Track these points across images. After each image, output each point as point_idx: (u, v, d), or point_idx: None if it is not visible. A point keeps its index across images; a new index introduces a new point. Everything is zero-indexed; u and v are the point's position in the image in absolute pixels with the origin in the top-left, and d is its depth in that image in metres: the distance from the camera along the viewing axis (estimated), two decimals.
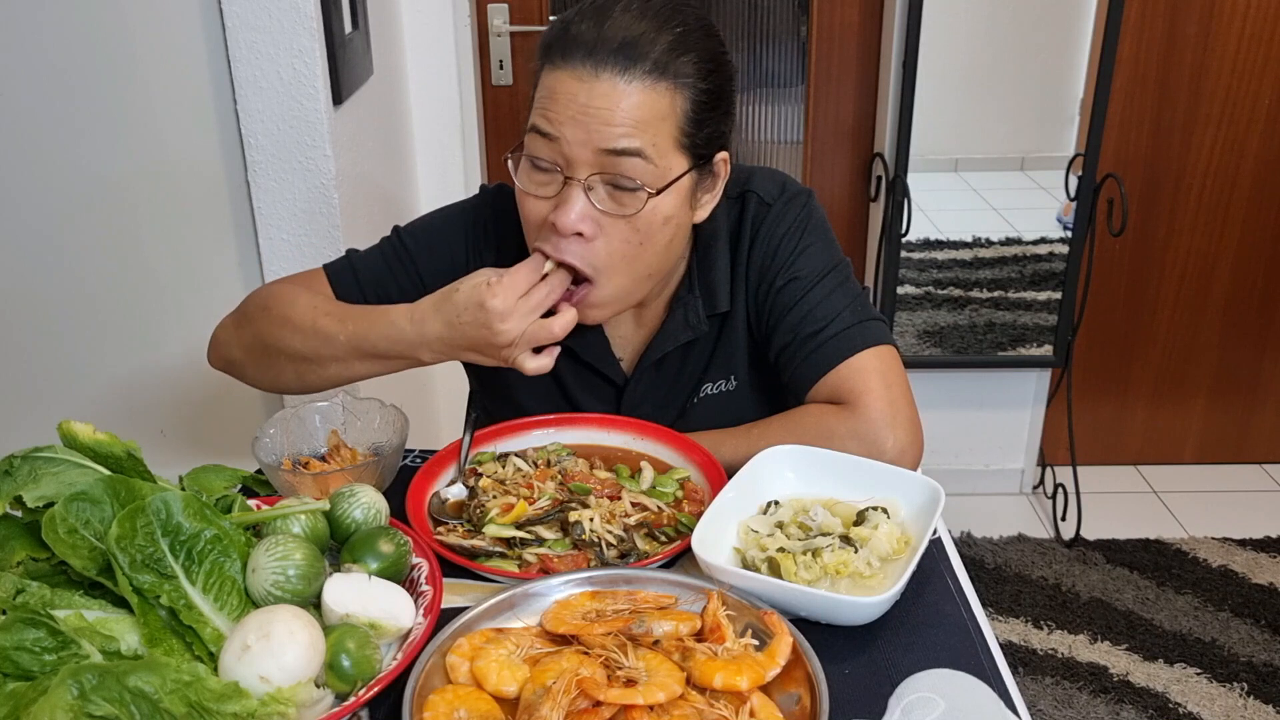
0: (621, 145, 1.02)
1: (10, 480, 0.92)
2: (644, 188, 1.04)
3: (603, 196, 1.05)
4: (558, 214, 1.04)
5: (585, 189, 1.04)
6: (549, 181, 1.06)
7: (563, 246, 1.06)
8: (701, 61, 1.06)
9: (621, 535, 1.01)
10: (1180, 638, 2.36)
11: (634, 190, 1.04)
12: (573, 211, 1.04)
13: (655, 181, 1.05)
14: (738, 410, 1.24)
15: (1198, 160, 2.66)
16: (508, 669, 0.83)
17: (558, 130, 1.03)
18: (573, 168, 1.04)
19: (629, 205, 1.05)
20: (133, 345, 1.78)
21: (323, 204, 1.67)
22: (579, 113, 1.02)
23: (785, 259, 1.18)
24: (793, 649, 0.84)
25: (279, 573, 0.86)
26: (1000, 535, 2.75)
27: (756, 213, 1.20)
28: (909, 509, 1.03)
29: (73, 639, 0.80)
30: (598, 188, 1.05)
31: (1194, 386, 2.94)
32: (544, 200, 1.07)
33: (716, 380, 1.25)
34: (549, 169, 1.06)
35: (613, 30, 1.02)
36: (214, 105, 1.62)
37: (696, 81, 1.05)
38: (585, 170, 1.04)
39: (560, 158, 1.04)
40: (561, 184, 1.05)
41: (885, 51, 2.50)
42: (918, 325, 2.72)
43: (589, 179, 1.04)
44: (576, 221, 1.04)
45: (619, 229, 1.06)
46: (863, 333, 1.15)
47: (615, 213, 1.05)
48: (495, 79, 2.48)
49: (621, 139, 1.02)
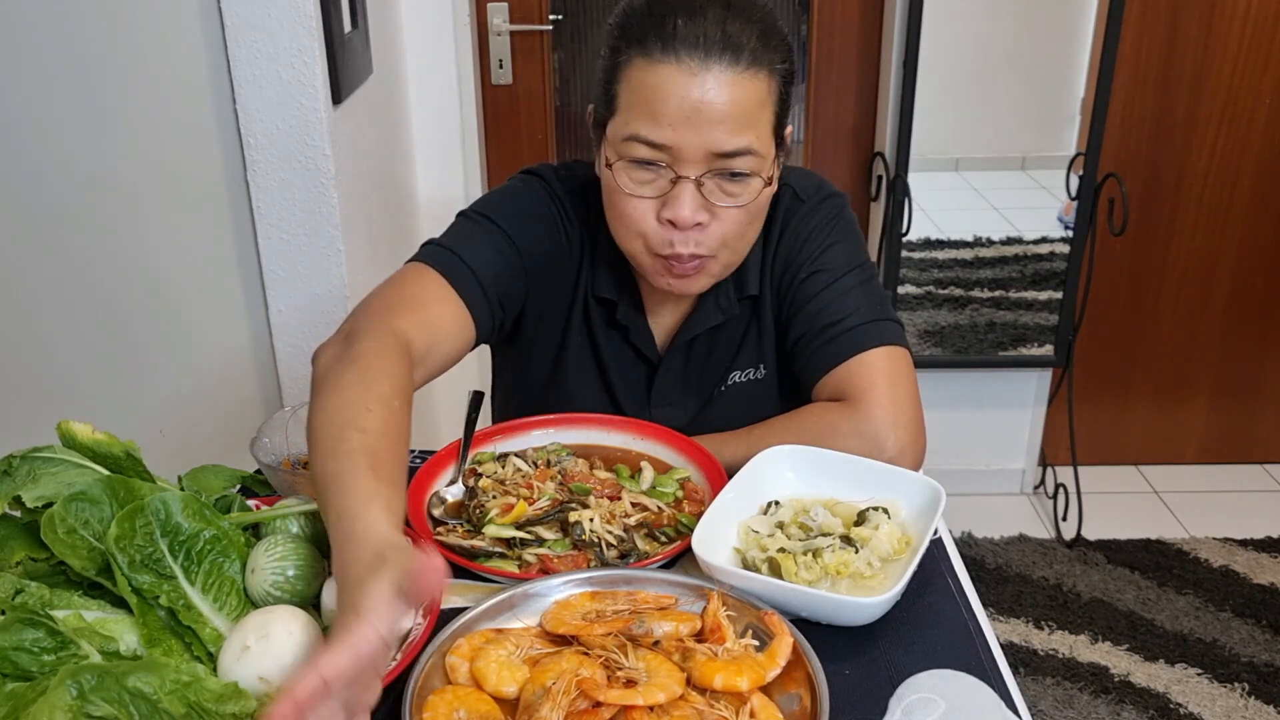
0: (733, 146, 1.04)
1: (9, 480, 0.92)
2: (756, 175, 1.07)
3: (713, 189, 1.06)
4: (674, 211, 1.06)
5: (697, 185, 1.06)
6: (653, 179, 1.07)
7: (684, 239, 1.08)
8: (783, 45, 1.08)
9: (621, 535, 1.01)
10: (1181, 638, 2.36)
11: (745, 179, 1.06)
12: (687, 206, 1.05)
13: (763, 169, 1.07)
14: (765, 400, 1.26)
15: (1199, 160, 2.66)
16: (507, 669, 0.83)
17: (670, 131, 1.03)
18: (681, 165, 1.05)
19: (742, 195, 1.07)
20: (132, 345, 1.77)
21: (322, 203, 1.67)
22: (691, 113, 1.02)
23: (812, 252, 1.20)
24: (793, 649, 0.84)
25: (278, 573, 0.86)
26: (1001, 535, 2.75)
27: (789, 206, 1.22)
28: (910, 509, 1.03)
29: (72, 639, 0.80)
30: (708, 181, 1.06)
31: (1195, 386, 2.94)
32: (648, 200, 1.08)
33: (746, 368, 1.26)
34: (653, 166, 1.06)
35: (713, 23, 1.03)
36: (213, 105, 1.62)
37: (783, 65, 1.08)
38: (697, 169, 1.05)
39: (667, 156, 1.05)
40: (670, 181, 1.06)
41: (885, 51, 2.49)
42: (918, 325, 2.72)
43: (700, 176, 1.05)
44: (694, 215, 1.06)
45: (731, 215, 1.08)
46: (877, 330, 1.16)
47: (729, 204, 1.07)
48: (495, 78, 2.48)
49: (734, 139, 1.03)
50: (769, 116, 1.07)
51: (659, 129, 1.03)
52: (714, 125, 1.02)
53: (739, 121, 1.03)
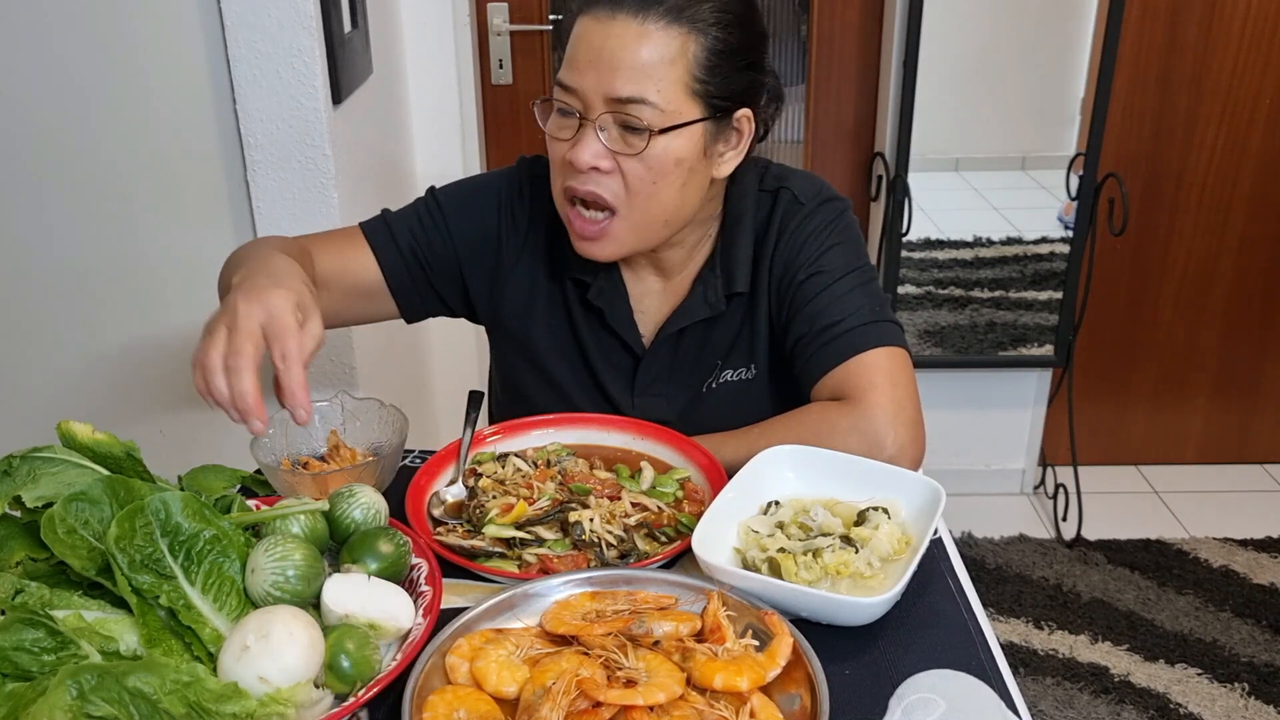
0: (626, 94, 1.08)
1: (10, 480, 0.92)
2: (649, 128, 1.10)
3: (614, 136, 1.11)
4: (574, 151, 1.12)
5: (598, 129, 1.11)
6: (569, 124, 1.13)
7: (582, 179, 1.13)
8: (721, 10, 1.11)
9: (621, 535, 1.01)
10: (1181, 638, 2.36)
11: (640, 131, 1.10)
12: (586, 150, 1.11)
13: (660, 123, 1.10)
14: (755, 400, 1.27)
15: (1199, 159, 2.66)
16: (507, 669, 0.83)
17: (577, 76, 1.10)
18: (587, 110, 1.11)
19: (636, 145, 1.11)
20: (132, 345, 1.77)
21: (322, 203, 1.67)
22: (595, 58, 1.09)
23: (811, 254, 1.22)
24: (793, 649, 0.84)
25: (278, 573, 0.86)
26: (1001, 535, 2.75)
27: (789, 209, 1.24)
28: (910, 509, 1.03)
29: (72, 639, 0.80)
30: (610, 128, 1.11)
31: (1195, 386, 2.94)
32: (565, 142, 1.14)
33: (737, 367, 1.28)
34: (569, 112, 1.13)
35: None
36: (213, 104, 1.62)
37: (713, 29, 1.10)
38: (596, 112, 1.10)
39: (577, 101, 1.11)
40: (578, 125, 1.12)
41: (885, 51, 2.49)
42: (919, 325, 2.72)
43: (600, 119, 1.11)
44: (591, 158, 1.11)
45: (632, 166, 1.12)
46: (877, 331, 1.17)
47: (625, 151, 1.11)
48: (495, 78, 2.48)
49: (628, 86, 1.08)
50: (680, 75, 1.09)
51: (570, 73, 1.11)
52: (613, 71, 1.08)
53: (637, 70, 1.08)
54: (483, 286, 1.31)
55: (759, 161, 1.27)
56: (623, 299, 1.27)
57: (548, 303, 1.30)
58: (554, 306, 1.30)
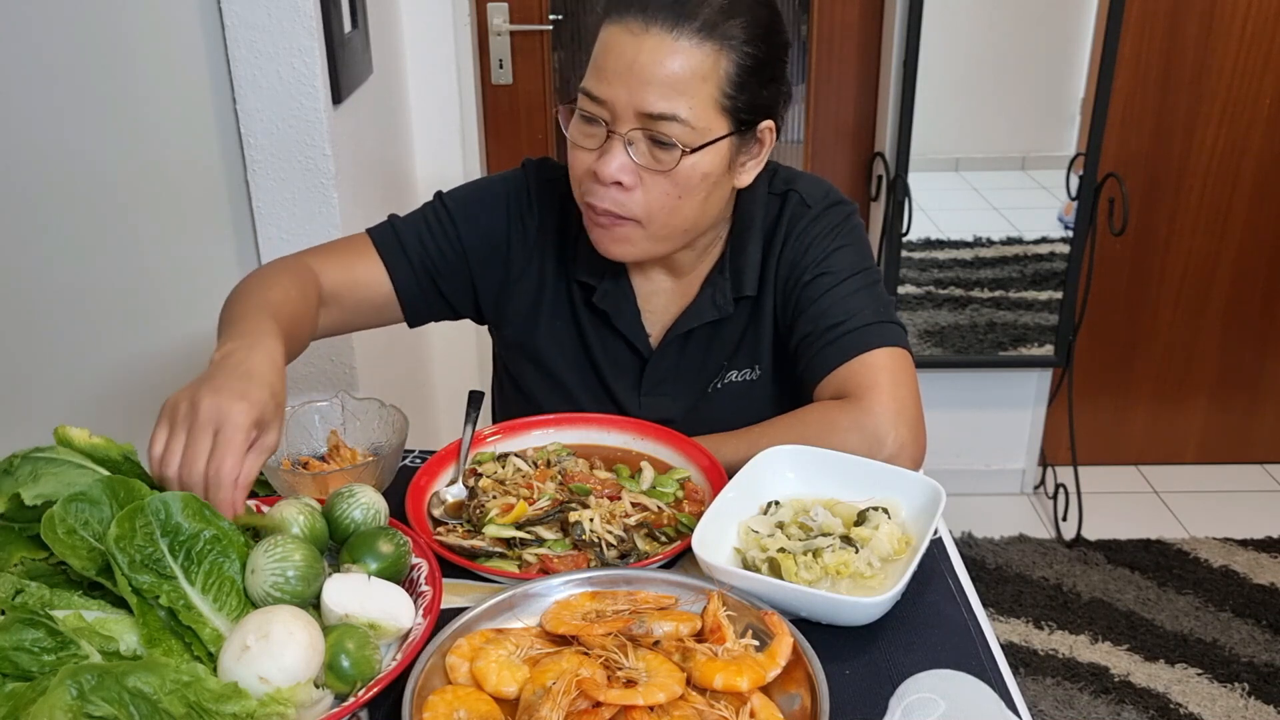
0: (659, 110, 1.07)
1: (10, 479, 0.92)
2: (680, 146, 1.08)
3: (643, 151, 1.10)
4: (599, 164, 1.10)
5: (626, 143, 1.09)
6: (595, 133, 1.11)
7: (603, 194, 1.12)
8: (751, 26, 1.09)
9: (621, 535, 1.01)
10: (1181, 638, 2.36)
11: (670, 148, 1.09)
12: (613, 163, 1.10)
13: (692, 141, 1.09)
14: (759, 401, 1.27)
15: (1199, 160, 2.66)
16: (507, 669, 0.83)
17: (606, 86, 1.08)
18: (616, 122, 1.09)
19: (665, 161, 1.10)
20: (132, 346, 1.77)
21: (322, 203, 1.67)
22: (625, 70, 1.07)
23: (817, 256, 1.22)
24: (793, 649, 0.84)
25: (278, 573, 0.86)
26: (1001, 535, 2.75)
27: (796, 212, 1.24)
28: (910, 509, 1.03)
29: (72, 639, 0.80)
30: (638, 142, 1.09)
31: (1195, 386, 2.94)
32: (589, 151, 1.12)
33: (742, 368, 1.28)
34: (595, 121, 1.11)
35: None
36: (213, 104, 1.62)
37: (743, 45, 1.09)
38: (626, 125, 1.09)
39: (605, 112, 1.09)
40: (605, 136, 1.11)
41: (885, 51, 2.49)
42: (919, 325, 2.72)
43: (629, 133, 1.09)
44: (616, 173, 1.10)
45: (658, 182, 1.11)
46: (880, 332, 1.17)
47: (653, 168, 1.10)
48: (495, 78, 2.48)
49: (660, 103, 1.07)
50: (711, 91, 1.08)
51: (599, 84, 1.09)
52: (646, 86, 1.06)
53: (670, 87, 1.06)
54: (491, 291, 1.31)
55: (767, 165, 1.27)
56: (629, 301, 1.27)
57: (554, 305, 1.29)
58: (560, 309, 1.29)
